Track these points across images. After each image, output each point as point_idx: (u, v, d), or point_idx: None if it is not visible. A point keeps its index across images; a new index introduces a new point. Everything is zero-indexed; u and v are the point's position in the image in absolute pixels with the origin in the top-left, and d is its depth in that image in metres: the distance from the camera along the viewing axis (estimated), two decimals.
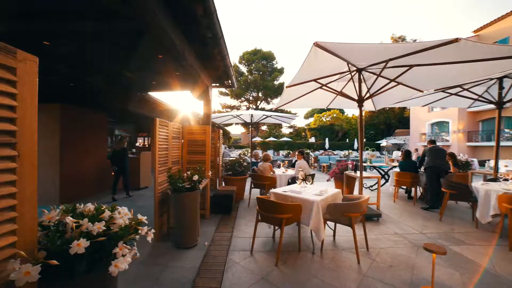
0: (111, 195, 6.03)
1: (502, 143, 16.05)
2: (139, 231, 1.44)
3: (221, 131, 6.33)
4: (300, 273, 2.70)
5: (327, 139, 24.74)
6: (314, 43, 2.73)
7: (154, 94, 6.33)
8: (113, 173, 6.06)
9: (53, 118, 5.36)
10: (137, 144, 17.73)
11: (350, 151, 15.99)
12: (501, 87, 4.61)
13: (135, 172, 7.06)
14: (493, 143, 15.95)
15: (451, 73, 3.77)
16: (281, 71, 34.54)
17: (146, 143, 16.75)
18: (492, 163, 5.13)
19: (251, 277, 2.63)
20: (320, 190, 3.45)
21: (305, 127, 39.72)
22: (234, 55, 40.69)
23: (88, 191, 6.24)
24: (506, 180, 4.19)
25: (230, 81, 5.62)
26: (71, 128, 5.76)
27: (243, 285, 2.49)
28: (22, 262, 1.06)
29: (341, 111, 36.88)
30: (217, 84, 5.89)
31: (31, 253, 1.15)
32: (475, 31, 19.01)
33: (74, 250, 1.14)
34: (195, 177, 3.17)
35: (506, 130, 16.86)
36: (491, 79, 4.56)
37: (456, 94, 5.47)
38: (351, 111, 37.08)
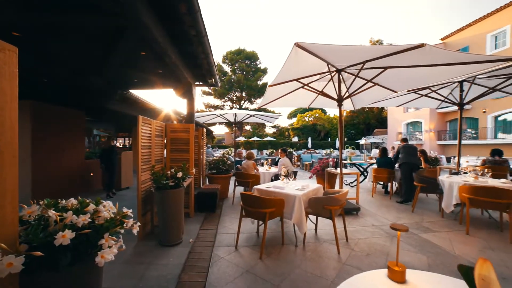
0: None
1: (465, 142, 17.47)
2: (125, 224, 1.46)
3: (204, 130, 6.31)
4: (283, 264, 2.80)
5: (309, 139, 25.26)
6: (294, 44, 2.85)
7: (136, 92, 6.16)
8: (92, 174, 5.88)
9: (23, 116, 5.05)
10: (117, 144, 17.10)
11: (332, 149, 16.51)
12: (461, 90, 5.07)
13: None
14: (462, 141, 17.29)
15: (421, 75, 4.07)
16: (264, 71, 34.78)
17: (127, 143, 16.18)
18: (457, 159, 5.60)
19: (236, 270, 2.70)
20: (302, 185, 3.59)
21: (288, 127, 40.31)
22: (217, 55, 40.46)
23: (63, 192, 5.94)
24: (466, 173, 4.60)
25: (213, 80, 5.64)
26: (44, 127, 5.46)
27: (228, 278, 2.54)
28: (4, 255, 1.05)
29: (323, 111, 37.90)
30: (201, 83, 5.89)
31: (12, 245, 1.13)
32: (442, 39, 20.49)
33: (59, 242, 1.15)
34: (179, 174, 3.17)
35: (469, 130, 18.37)
36: (454, 82, 4.98)
37: (426, 95, 5.91)
38: (333, 111, 38.31)
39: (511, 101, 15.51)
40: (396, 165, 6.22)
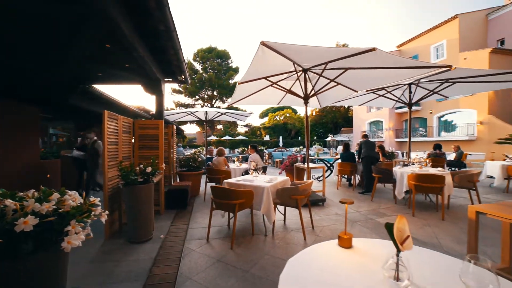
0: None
1: (417, 139, 19.74)
2: (92, 212, 1.47)
3: (174, 127, 6.21)
4: (253, 252, 2.95)
5: (281, 137, 25.94)
6: (260, 42, 3.01)
7: (100, 88, 5.80)
8: (48, 176, 5.44)
9: None
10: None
11: (301, 147, 17.20)
12: (410, 91, 5.77)
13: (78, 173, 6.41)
14: (414, 139, 19.48)
15: (376, 77, 4.53)
16: (236, 71, 34.78)
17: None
18: (407, 153, 6.34)
19: (208, 260, 2.78)
20: (270, 178, 3.79)
21: (260, 126, 40.86)
22: (188, 52, 39.43)
23: None
24: (413, 164, 5.27)
25: (183, 77, 5.59)
26: None
27: (199, 268, 2.62)
28: None
29: (294, 111, 39.10)
30: (170, 79, 5.79)
31: None
32: (397, 46, 22.66)
33: (20, 228, 1.13)
34: (148, 169, 3.14)
35: (420, 129, 20.71)
36: (404, 84, 5.63)
37: (382, 95, 6.55)
38: (303, 110, 39.62)
39: (450, 104, 18.11)
40: (358, 159, 6.79)
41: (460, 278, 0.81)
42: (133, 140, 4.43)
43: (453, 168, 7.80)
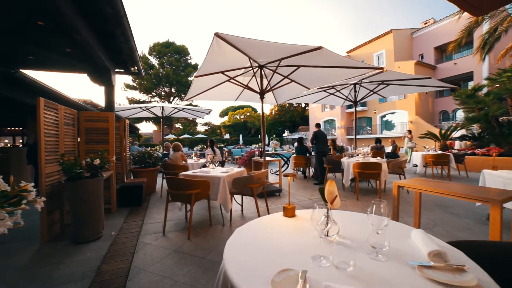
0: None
1: (364, 136, 22.18)
2: (24, 199, 1.34)
3: (127, 121, 5.80)
4: (211, 241, 2.99)
5: (241, 136, 26.09)
6: (215, 34, 3.03)
7: (33, 74, 4.98)
8: None
9: None
10: (2, 145, 13.44)
11: (260, 144, 17.69)
12: (355, 91, 6.46)
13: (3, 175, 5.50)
14: (362, 136, 21.73)
15: (326, 75, 4.95)
16: (195, 67, 33.61)
17: (20, 142, 12.75)
18: (354, 146, 7.12)
19: (163, 251, 2.73)
20: (226, 169, 3.87)
21: (220, 124, 40.55)
22: (143, 45, 36.74)
23: None
24: (358, 155, 5.95)
25: (136, 68, 5.26)
26: None
27: (155, 259, 2.56)
28: None
29: (254, 109, 39.74)
30: (122, 70, 5.39)
31: None
32: (347, 52, 24.94)
33: None
34: (96, 161, 2.91)
35: (367, 127, 23.35)
36: (350, 84, 6.29)
37: (333, 94, 7.17)
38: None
39: (389, 105, 21.17)
40: (312, 153, 7.33)
41: (368, 220, 1.02)
42: (79, 140, 4.03)
43: (389, 159, 9.04)
